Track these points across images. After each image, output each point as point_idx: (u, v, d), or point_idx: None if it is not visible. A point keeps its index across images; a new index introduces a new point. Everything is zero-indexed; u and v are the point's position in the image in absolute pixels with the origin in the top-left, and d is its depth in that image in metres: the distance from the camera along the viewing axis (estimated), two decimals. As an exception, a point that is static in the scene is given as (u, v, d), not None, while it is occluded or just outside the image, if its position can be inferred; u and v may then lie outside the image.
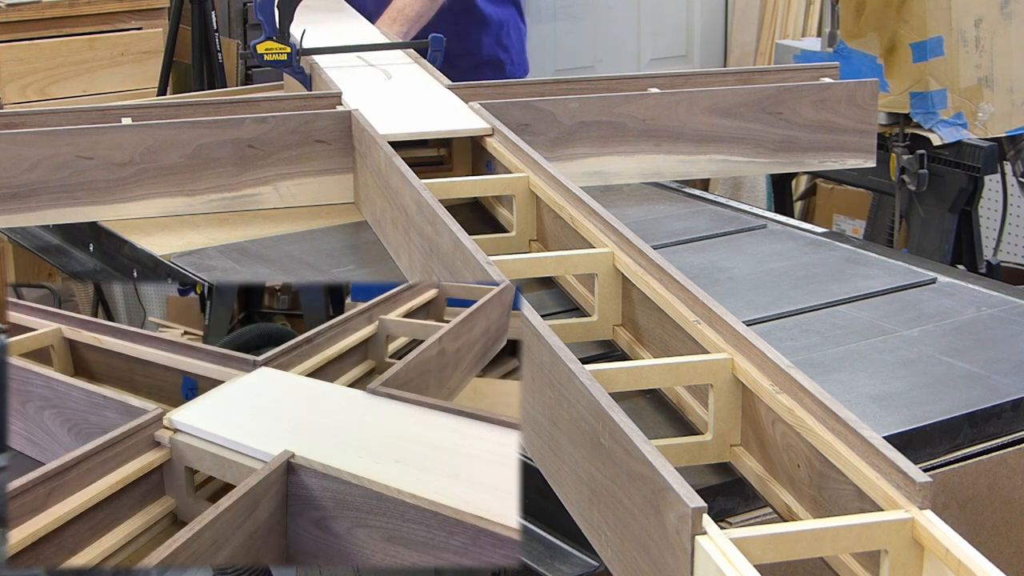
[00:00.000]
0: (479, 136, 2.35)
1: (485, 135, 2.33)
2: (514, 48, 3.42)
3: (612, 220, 1.84)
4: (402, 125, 2.38)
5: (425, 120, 2.42)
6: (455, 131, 2.38)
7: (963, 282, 2.10)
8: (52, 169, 2.31)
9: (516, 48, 3.43)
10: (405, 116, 2.44)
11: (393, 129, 2.33)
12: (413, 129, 2.37)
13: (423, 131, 2.38)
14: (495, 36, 3.38)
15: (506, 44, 3.40)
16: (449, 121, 2.41)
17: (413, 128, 2.37)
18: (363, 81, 2.67)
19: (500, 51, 3.39)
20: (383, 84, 2.68)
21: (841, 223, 4.73)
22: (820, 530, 1.18)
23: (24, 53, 4.39)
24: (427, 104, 2.53)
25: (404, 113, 2.46)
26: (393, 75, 2.73)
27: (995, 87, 3.43)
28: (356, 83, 2.63)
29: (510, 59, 3.41)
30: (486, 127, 2.35)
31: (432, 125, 2.40)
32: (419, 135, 2.37)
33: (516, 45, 3.43)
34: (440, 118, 2.43)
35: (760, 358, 1.45)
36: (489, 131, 2.34)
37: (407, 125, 2.38)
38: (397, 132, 2.33)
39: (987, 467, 1.66)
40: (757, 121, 2.53)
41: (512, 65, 3.41)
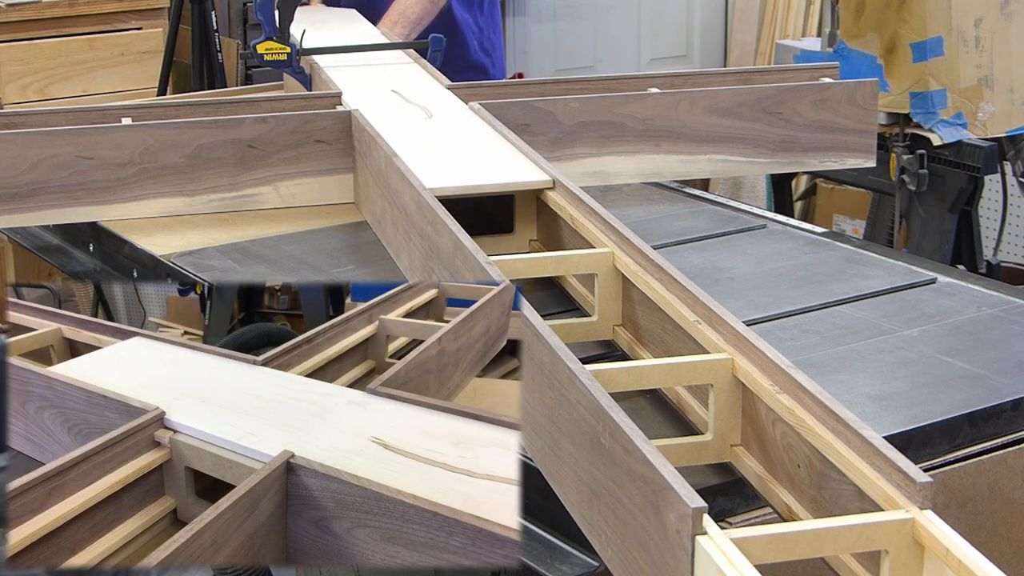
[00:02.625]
0: (539, 190, 2.07)
1: (546, 188, 2.06)
2: (496, 52, 3.44)
3: (612, 220, 1.84)
4: (452, 177, 2.07)
5: (477, 171, 2.12)
6: (513, 185, 2.08)
7: (963, 282, 2.10)
8: (52, 169, 2.31)
9: (497, 52, 3.45)
10: (454, 165, 2.15)
11: (442, 182, 2.03)
12: (465, 182, 2.06)
13: (477, 185, 2.06)
14: (478, 41, 3.40)
15: (488, 48, 3.42)
16: (505, 172, 2.11)
17: (465, 181, 2.07)
18: (402, 122, 2.37)
19: (483, 55, 3.41)
20: (423, 125, 2.38)
21: (841, 223, 4.73)
22: (820, 530, 1.18)
23: (24, 53, 4.39)
24: (476, 149, 2.24)
25: (452, 161, 2.17)
26: (434, 113, 2.43)
27: (995, 87, 3.43)
28: (395, 123, 2.35)
29: (491, 63, 3.43)
30: (546, 179, 2.06)
31: (487, 177, 2.09)
32: (472, 190, 2.05)
33: (498, 49, 3.46)
34: (495, 168, 2.13)
35: (760, 358, 1.45)
36: (550, 184, 2.06)
37: (458, 177, 2.08)
38: (447, 186, 2.02)
39: (987, 467, 1.66)
40: (757, 121, 2.53)
41: (494, 68, 3.43)
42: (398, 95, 2.54)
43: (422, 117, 2.40)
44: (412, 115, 2.42)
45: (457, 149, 2.24)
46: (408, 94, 2.55)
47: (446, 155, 2.20)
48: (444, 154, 2.20)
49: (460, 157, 2.20)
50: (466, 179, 2.07)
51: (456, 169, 2.12)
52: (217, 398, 1.77)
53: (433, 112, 2.43)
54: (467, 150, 2.24)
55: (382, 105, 2.47)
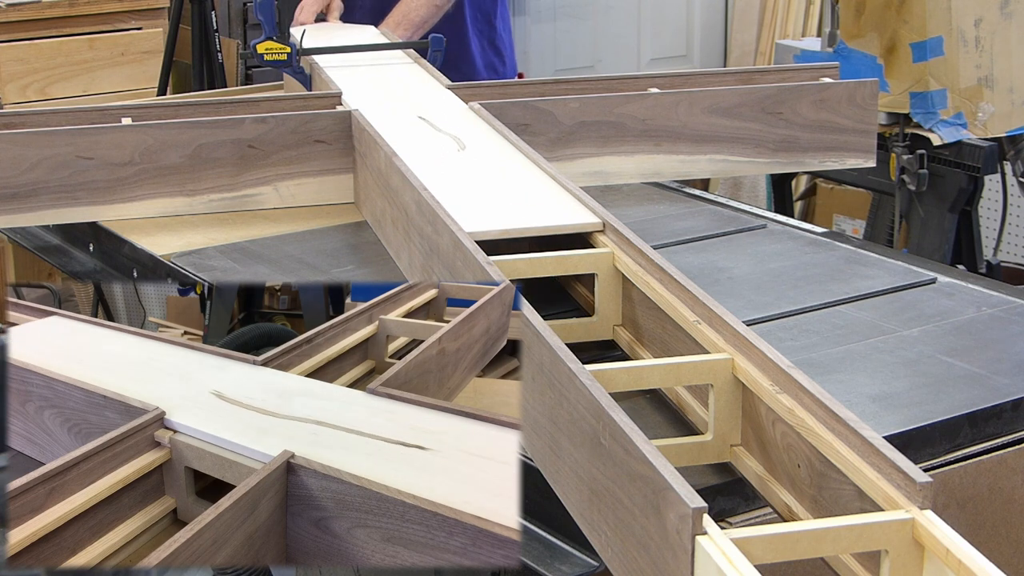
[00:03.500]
0: (588, 233, 1.88)
1: (595, 231, 1.87)
2: (507, 52, 3.44)
3: (612, 220, 1.84)
4: (492, 218, 1.89)
5: (520, 211, 1.93)
6: (559, 228, 1.89)
7: (963, 282, 2.10)
8: (52, 169, 2.31)
9: (509, 52, 3.45)
10: (494, 205, 1.97)
11: (482, 224, 1.85)
12: (508, 224, 1.87)
13: (521, 228, 1.87)
14: (488, 39, 3.39)
15: (499, 47, 3.41)
16: (550, 213, 1.92)
17: (507, 223, 1.88)
18: (435, 155, 2.19)
19: (494, 55, 3.40)
20: (457, 158, 2.19)
21: (841, 223, 4.73)
22: (820, 530, 1.18)
23: (24, 53, 4.39)
24: (516, 185, 2.06)
25: (492, 200, 1.99)
26: (467, 144, 2.24)
27: (995, 87, 3.43)
28: (427, 157, 2.17)
29: (502, 62, 3.42)
30: (595, 222, 1.88)
31: (530, 218, 1.90)
32: (516, 233, 1.86)
33: (509, 49, 3.45)
34: (538, 208, 1.95)
35: (760, 358, 1.45)
36: (600, 226, 1.87)
37: (499, 218, 1.89)
38: (489, 229, 1.84)
39: (987, 467, 1.66)
40: (757, 121, 2.53)
41: (504, 67, 3.43)
42: (426, 122, 2.37)
43: (454, 149, 2.22)
44: (443, 146, 2.24)
45: (496, 185, 2.06)
46: (436, 120, 2.38)
47: (485, 193, 2.02)
48: (482, 192, 2.02)
49: (500, 195, 2.01)
50: (508, 221, 1.88)
51: (496, 209, 1.94)
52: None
53: (465, 142, 2.25)
54: (507, 187, 2.05)
55: (410, 134, 2.30)
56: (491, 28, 3.38)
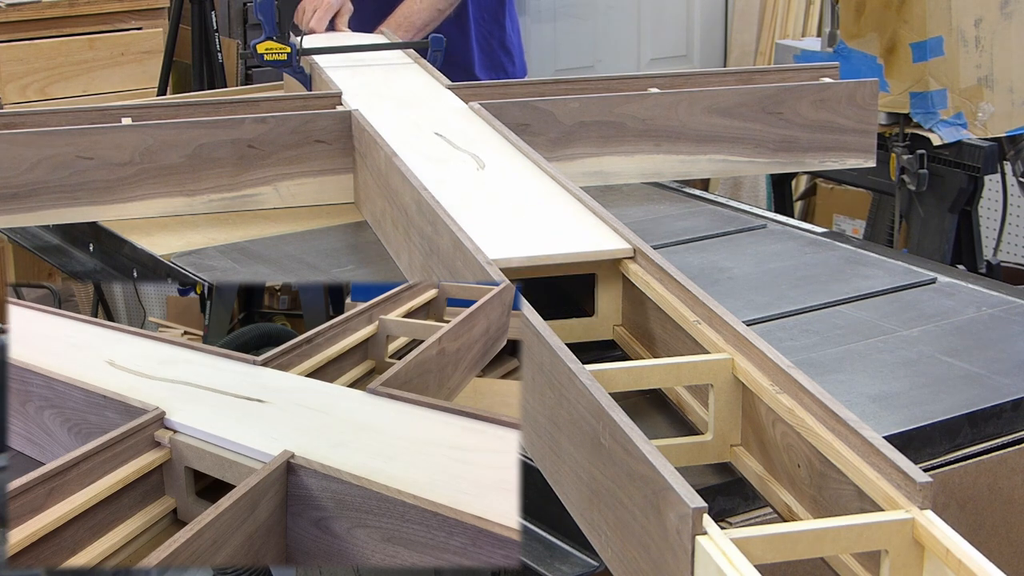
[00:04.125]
0: (617, 259, 1.80)
1: (625, 258, 1.79)
2: (516, 52, 3.44)
3: (612, 220, 1.84)
4: (517, 245, 1.80)
5: (545, 236, 1.84)
6: (588, 255, 1.79)
7: (963, 282, 2.10)
8: (52, 169, 2.31)
9: (518, 52, 3.45)
10: (518, 229, 1.87)
11: (506, 251, 1.76)
12: (533, 251, 1.78)
13: (547, 255, 1.78)
14: (499, 41, 3.39)
15: (508, 47, 3.41)
16: (578, 239, 1.82)
17: (532, 249, 1.79)
18: (455, 175, 2.09)
19: (503, 55, 3.40)
20: (477, 178, 2.08)
21: (841, 223, 4.73)
22: (820, 530, 1.18)
23: (24, 53, 4.39)
24: (540, 208, 1.96)
25: (515, 224, 1.89)
26: (487, 163, 2.13)
27: (995, 87, 3.43)
28: (446, 177, 2.06)
29: (511, 61, 3.42)
30: (626, 248, 1.79)
31: (556, 244, 1.81)
32: (542, 261, 1.78)
33: (518, 48, 3.45)
34: (565, 233, 1.85)
35: (760, 358, 1.45)
36: (630, 252, 1.79)
37: (524, 245, 1.80)
38: (513, 256, 1.75)
39: (987, 467, 1.66)
40: (757, 121, 2.53)
41: (513, 67, 3.42)
42: (443, 139, 2.26)
43: (474, 168, 2.12)
44: (463, 166, 2.14)
45: (519, 208, 1.96)
46: (454, 137, 2.27)
47: (507, 216, 1.92)
48: (505, 215, 1.93)
49: (523, 218, 1.92)
50: (533, 247, 1.79)
51: (520, 234, 1.85)
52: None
53: (485, 160, 2.15)
54: (531, 208, 1.96)
55: (427, 151, 2.20)
56: (500, 29, 3.38)
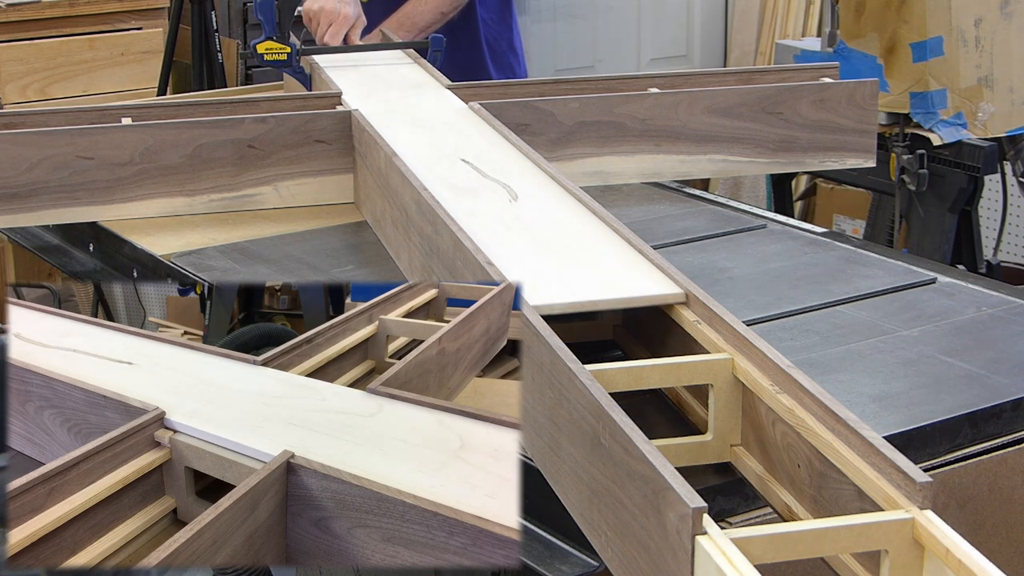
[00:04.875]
0: (668, 305, 1.64)
1: (677, 303, 1.64)
2: (520, 52, 3.44)
3: (612, 220, 1.84)
4: (558, 288, 1.64)
5: (589, 278, 1.68)
6: (636, 300, 1.64)
7: (963, 282, 2.10)
8: (52, 169, 2.31)
9: (521, 52, 3.45)
10: (558, 270, 1.71)
11: (547, 296, 1.61)
12: (577, 297, 1.62)
13: (593, 301, 1.62)
14: (507, 42, 3.39)
15: (515, 48, 3.42)
16: (624, 282, 1.67)
17: (576, 295, 1.62)
18: (488, 207, 1.93)
19: (511, 55, 3.40)
20: (510, 211, 1.91)
21: (841, 223, 4.73)
22: (820, 530, 1.18)
23: (24, 53, 4.39)
24: (580, 245, 1.79)
25: (556, 264, 1.73)
26: (519, 194, 1.97)
27: (995, 87, 3.43)
28: (480, 209, 1.90)
29: (518, 62, 3.43)
30: (678, 292, 1.63)
31: (602, 289, 1.64)
32: (587, 307, 1.62)
33: (521, 49, 3.45)
34: (609, 274, 1.69)
35: (760, 358, 1.45)
36: (682, 297, 1.64)
37: (567, 288, 1.64)
38: (555, 303, 1.60)
39: (987, 467, 1.66)
40: (757, 121, 2.53)
41: (519, 68, 3.43)
42: (470, 166, 2.10)
43: (506, 199, 1.95)
44: (494, 196, 1.97)
45: (558, 246, 1.79)
46: (481, 164, 2.11)
47: (546, 255, 1.76)
48: (543, 253, 1.76)
49: (563, 257, 1.75)
50: (577, 291, 1.63)
51: (562, 276, 1.69)
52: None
53: (517, 190, 1.98)
54: (570, 247, 1.79)
55: (455, 180, 2.04)
56: (509, 31, 3.38)
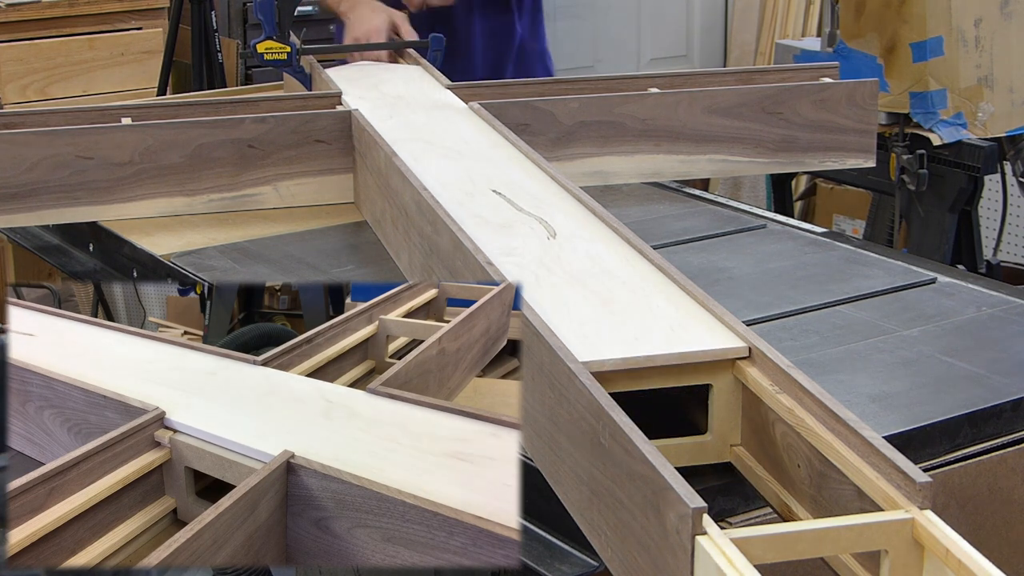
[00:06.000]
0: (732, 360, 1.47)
1: (739, 358, 1.47)
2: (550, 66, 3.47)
3: (612, 220, 1.84)
4: (610, 343, 1.48)
5: (642, 330, 1.51)
6: (695, 355, 1.47)
7: (963, 282, 2.10)
8: (52, 169, 2.31)
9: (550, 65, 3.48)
10: (607, 320, 1.54)
11: (596, 352, 1.45)
12: (630, 352, 1.46)
13: (647, 356, 1.45)
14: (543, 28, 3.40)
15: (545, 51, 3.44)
16: (680, 334, 1.50)
17: (629, 350, 1.46)
18: (527, 246, 1.75)
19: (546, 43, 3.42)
20: (550, 250, 1.74)
21: (841, 223, 4.73)
22: (820, 530, 1.18)
23: (24, 53, 4.39)
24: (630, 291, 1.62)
25: (603, 313, 1.56)
26: (557, 231, 1.79)
27: (995, 87, 3.43)
28: (519, 250, 1.73)
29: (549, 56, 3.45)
30: (741, 347, 1.47)
31: (656, 342, 1.48)
32: (642, 363, 1.45)
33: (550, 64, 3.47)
34: (664, 325, 1.52)
35: (760, 358, 1.45)
36: (745, 351, 1.47)
37: (618, 343, 1.48)
38: (605, 359, 1.44)
39: (987, 467, 1.66)
40: (757, 121, 2.53)
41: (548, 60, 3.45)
42: (502, 197, 1.93)
43: (544, 236, 1.78)
44: (531, 232, 1.80)
45: (603, 291, 1.62)
46: (514, 195, 1.94)
47: (590, 301, 1.59)
48: (588, 300, 1.59)
49: (608, 304, 1.59)
50: (630, 347, 1.47)
51: (609, 327, 1.52)
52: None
53: (556, 228, 1.81)
54: (616, 292, 1.62)
55: (488, 215, 1.88)
56: (538, 18, 3.38)
